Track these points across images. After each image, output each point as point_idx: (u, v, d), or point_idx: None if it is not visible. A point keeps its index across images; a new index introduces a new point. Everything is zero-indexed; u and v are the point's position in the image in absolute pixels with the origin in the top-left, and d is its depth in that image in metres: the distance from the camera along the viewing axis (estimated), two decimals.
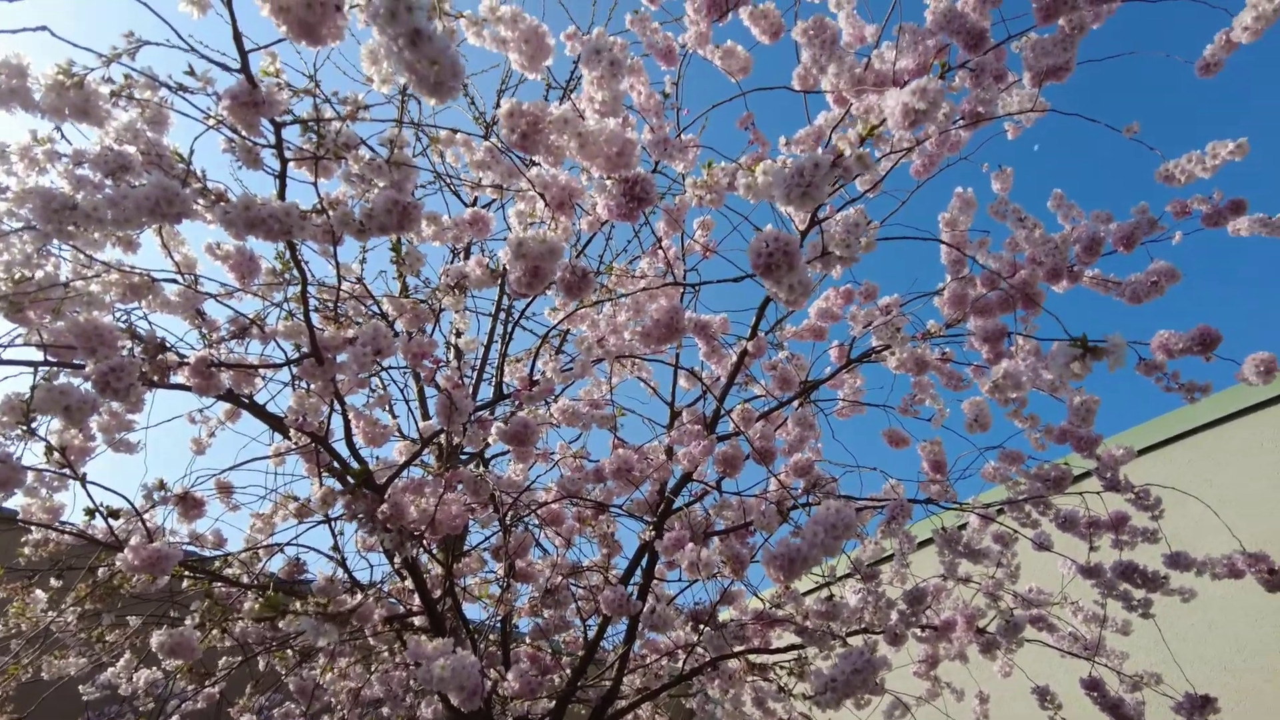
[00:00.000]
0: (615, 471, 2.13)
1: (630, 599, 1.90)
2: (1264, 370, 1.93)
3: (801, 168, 1.13)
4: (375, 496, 1.92)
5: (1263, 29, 1.62)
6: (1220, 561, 2.22)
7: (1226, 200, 2.34)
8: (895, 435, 2.75)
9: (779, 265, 1.16)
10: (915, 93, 1.20)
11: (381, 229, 1.29)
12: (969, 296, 2.56)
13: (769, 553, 1.34)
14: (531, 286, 1.30)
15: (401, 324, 1.76)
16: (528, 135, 1.20)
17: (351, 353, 1.46)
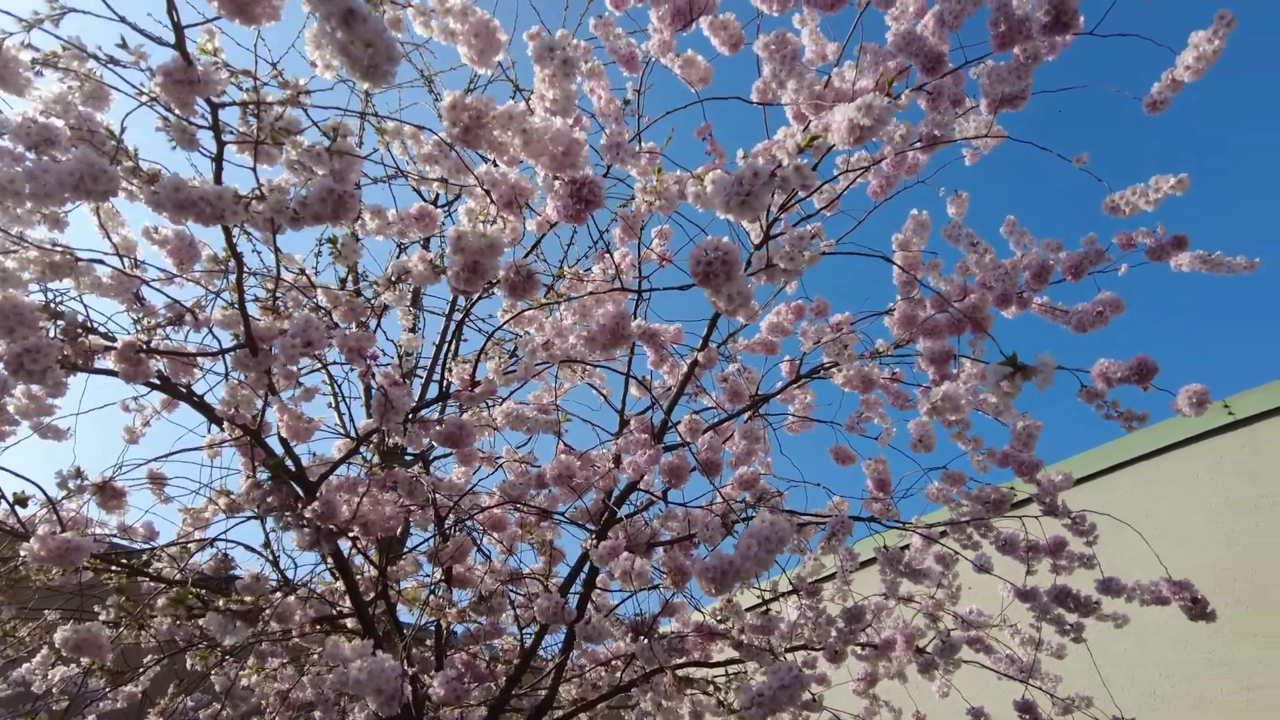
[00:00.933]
0: (557, 477, 2.10)
1: (566, 608, 1.87)
2: (1196, 402, 1.97)
3: (741, 177, 1.12)
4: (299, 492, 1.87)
5: (1203, 69, 1.66)
6: (1148, 588, 2.26)
7: (1169, 236, 2.39)
8: (842, 452, 2.76)
9: (717, 274, 1.15)
10: (861, 109, 1.20)
11: (316, 218, 1.26)
12: (918, 318, 2.59)
13: (701, 564, 1.32)
14: (470, 283, 1.28)
15: (337, 317, 1.71)
16: (470, 129, 1.17)
17: (281, 344, 1.42)
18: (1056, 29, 1.81)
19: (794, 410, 2.94)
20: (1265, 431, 4.08)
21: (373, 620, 2.14)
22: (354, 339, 1.66)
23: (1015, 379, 1.04)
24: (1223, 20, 1.59)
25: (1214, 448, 4.23)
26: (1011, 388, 1.05)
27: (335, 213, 1.27)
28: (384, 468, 1.93)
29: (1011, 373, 1.04)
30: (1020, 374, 1.04)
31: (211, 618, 1.33)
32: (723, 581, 1.31)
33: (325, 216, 1.26)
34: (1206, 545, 3.94)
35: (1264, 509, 3.84)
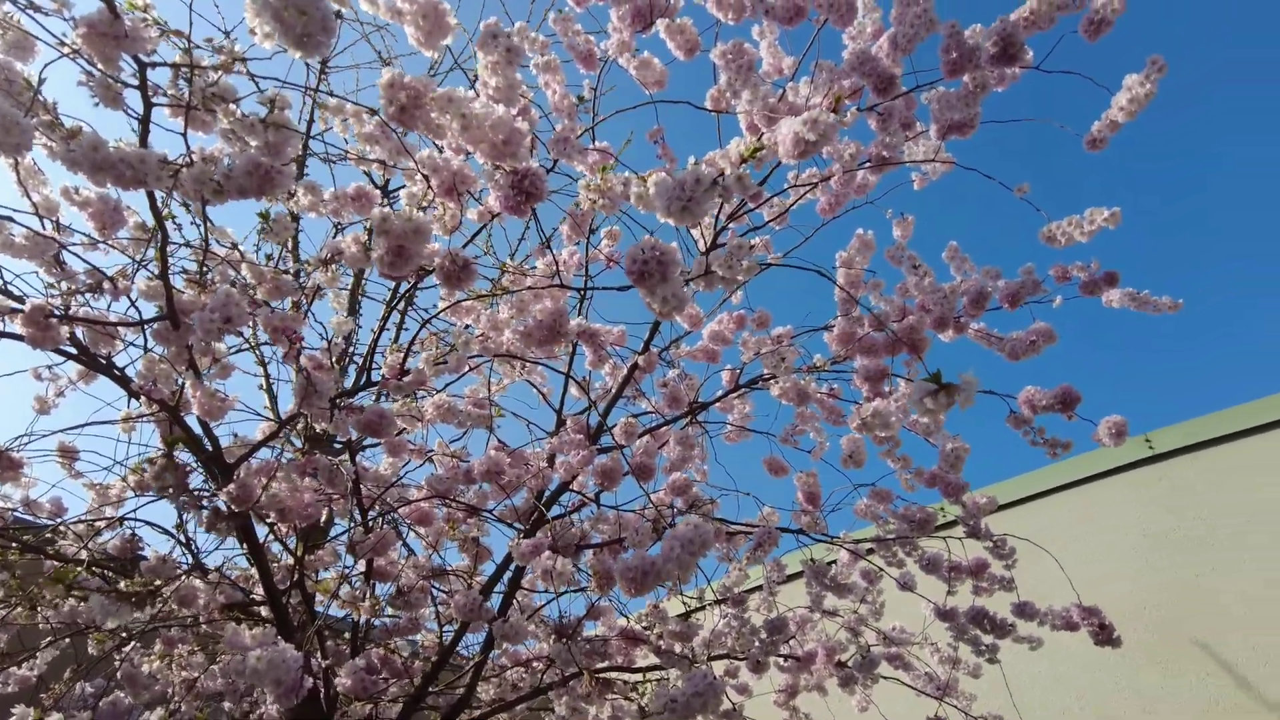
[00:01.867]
0: (486, 473, 2.07)
1: (483, 606, 1.83)
2: (1115, 433, 2.03)
3: (683, 181, 1.12)
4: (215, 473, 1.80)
5: (1136, 111, 1.71)
6: (1059, 613, 2.32)
7: (1102, 271, 2.47)
8: (775, 463, 2.78)
9: (653, 274, 1.14)
10: (807, 124, 1.21)
11: (241, 192, 1.21)
12: (856, 335, 2.62)
13: (622, 564, 1.31)
14: (395, 267, 1.24)
15: (262, 294, 1.66)
16: (407, 109, 1.15)
17: (199, 318, 1.36)
18: (1004, 60, 1.85)
19: (732, 420, 2.95)
20: (1182, 467, 4.23)
21: (286, 609, 2.07)
22: (279, 318, 1.61)
23: (939, 396, 1.05)
24: (1154, 65, 1.64)
25: (1134, 480, 4.38)
26: (935, 405, 1.06)
27: (261, 187, 1.22)
28: (308, 454, 1.88)
29: (935, 390, 1.05)
30: (944, 392, 1.05)
31: (95, 599, 1.26)
32: (642, 582, 1.30)
33: (251, 191, 1.22)
34: (1121, 574, 4.06)
35: (1177, 542, 3.99)
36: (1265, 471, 3.89)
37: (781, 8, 2.05)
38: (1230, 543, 3.83)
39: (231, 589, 2.00)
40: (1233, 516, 3.90)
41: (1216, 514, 3.95)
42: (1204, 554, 3.88)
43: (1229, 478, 4.02)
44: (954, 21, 1.92)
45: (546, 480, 2.44)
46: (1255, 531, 3.77)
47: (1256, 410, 4.02)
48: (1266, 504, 3.80)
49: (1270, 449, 3.97)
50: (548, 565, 1.71)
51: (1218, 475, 4.07)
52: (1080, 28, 1.77)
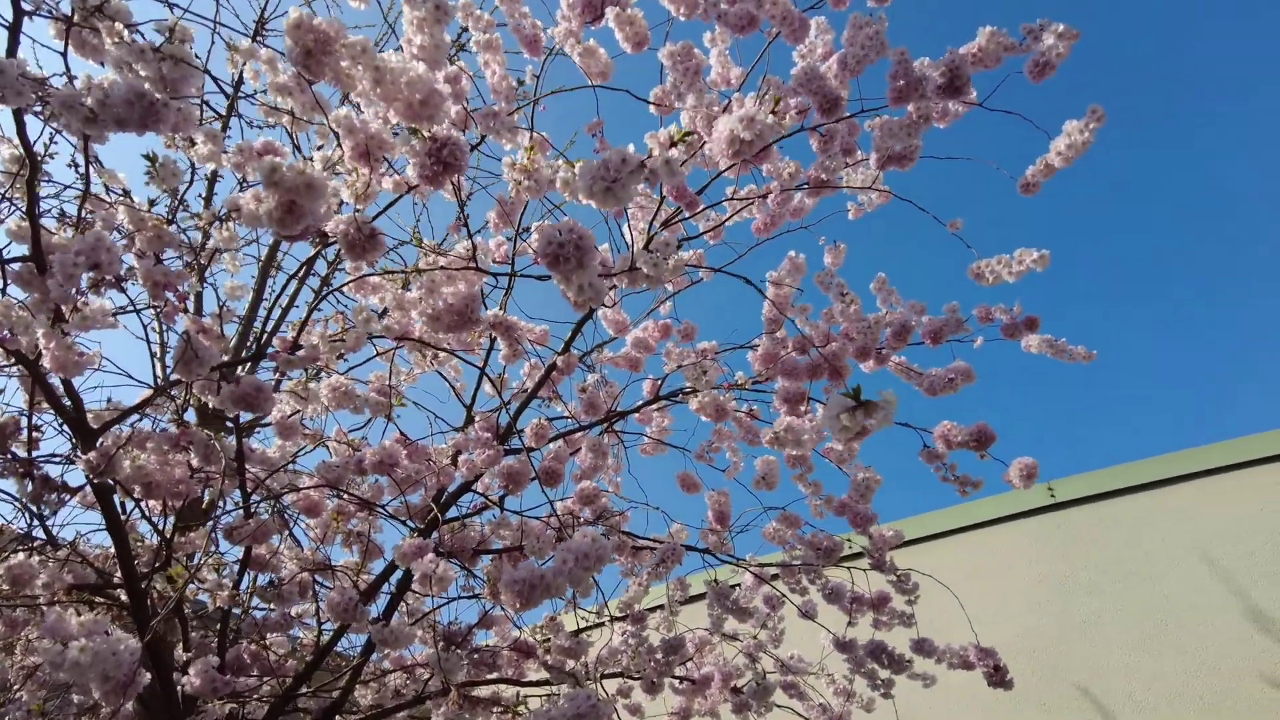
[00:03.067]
0: (378, 464, 1.94)
1: (359, 606, 1.71)
2: (1026, 475, 2.04)
3: (608, 162, 1.04)
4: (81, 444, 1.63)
5: (1073, 157, 1.72)
6: (956, 652, 2.32)
7: (1024, 315, 2.50)
8: (688, 479, 2.72)
9: (569, 259, 1.05)
10: (743, 121, 1.15)
11: (119, 123, 1.08)
12: (779, 356, 2.59)
13: (509, 574, 1.21)
14: (284, 225, 1.13)
15: (139, 242, 1.50)
16: (313, 54, 1.04)
17: (60, 260, 1.21)
18: (950, 92, 1.84)
19: (650, 431, 2.88)
20: (1079, 516, 4.36)
21: (146, 595, 1.89)
22: (160, 273, 1.46)
23: (856, 414, 1.00)
24: (1094, 114, 1.65)
25: (1033, 526, 4.49)
26: (851, 421, 1.01)
27: (144, 121, 1.09)
28: (179, 425, 1.72)
29: (853, 406, 1.00)
30: (862, 409, 1.00)
31: None
32: (529, 596, 1.20)
33: (131, 124, 1.08)
34: (1013, 617, 4.15)
35: (1068, 588, 4.09)
36: (1152, 526, 4.04)
37: (735, 14, 2.01)
38: (1115, 592, 3.95)
39: (83, 568, 1.82)
40: (1119, 567, 4.03)
41: (1105, 564, 4.08)
42: (1091, 602, 4.00)
43: (1120, 530, 4.15)
44: (903, 48, 1.91)
45: (448, 479, 2.32)
46: (1138, 583, 3.91)
47: (1150, 468, 4.19)
48: (1149, 558, 3.94)
49: (1158, 506, 4.13)
50: (428, 569, 1.59)
51: (1110, 527, 4.21)
52: (1025, 69, 1.78)
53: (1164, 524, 4.02)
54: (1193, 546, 3.91)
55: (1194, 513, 3.99)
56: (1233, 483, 3.96)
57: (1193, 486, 4.05)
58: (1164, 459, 4.17)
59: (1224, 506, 3.93)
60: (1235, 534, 3.80)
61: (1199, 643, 3.60)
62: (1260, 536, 3.72)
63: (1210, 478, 4.02)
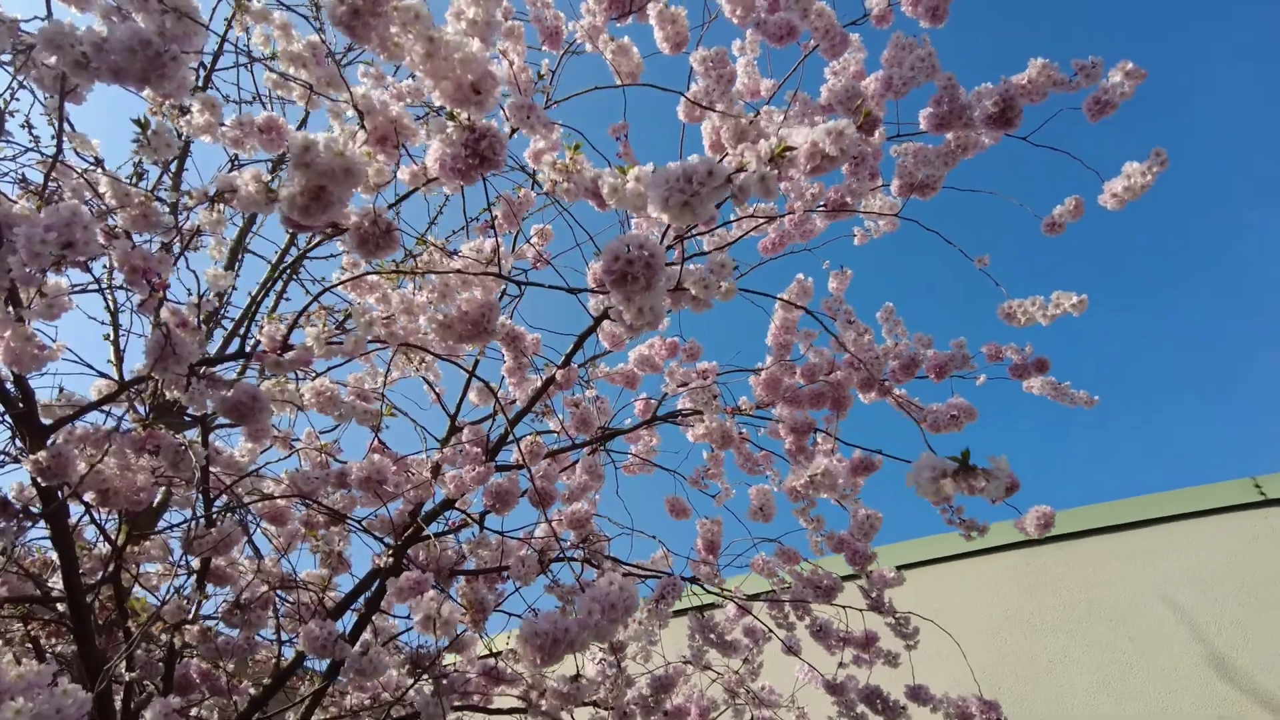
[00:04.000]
0: (364, 480, 1.77)
1: (338, 641, 1.54)
2: (1042, 524, 1.96)
3: (691, 172, 0.91)
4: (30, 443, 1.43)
5: (1128, 200, 1.65)
6: (955, 702, 2.23)
7: (1034, 357, 2.44)
8: (678, 505, 2.59)
9: (637, 278, 0.92)
10: (831, 134, 1.04)
11: (115, 74, 0.91)
12: (782, 383, 2.49)
13: (529, 626, 1.07)
14: (308, 213, 0.97)
15: (121, 220, 1.32)
16: (359, 14, 0.89)
17: (27, 235, 1.04)
18: (1000, 123, 1.76)
19: (637, 451, 2.75)
20: (1048, 555, 4.36)
21: (90, 609, 1.69)
22: (141, 256, 1.28)
23: (959, 478, 0.89)
24: (1158, 157, 1.58)
25: (1000, 563, 4.48)
26: (952, 488, 0.90)
27: (145, 73, 0.92)
28: (145, 425, 1.53)
29: (958, 470, 0.89)
30: (967, 474, 0.89)
31: None
32: (553, 651, 1.07)
33: (130, 75, 0.92)
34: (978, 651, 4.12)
35: (1036, 626, 4.08)
36: (1118, 568, 4.06)
37: (774, 23, 1.91)
38: (1080, 633, 3.95)
39: (20, 579, 1.61)
40: (1085, 608, 4.03)
41: (1071, 604, 4.08)
42: (1057, 642, 3.99)
43: (1086, 570, 4.16)
44: (951, 74, 1.83)
45: (428, 493, 2.15)
46: (1102, 625, 3.91)
47: (1119, 509, 4.21)
48: (1114, 600, 3.95)
49: (1124, 548, 4.15)
50: (429, 609, 1.43)
51: (1077, 567, 4.21)
52: (1085, 106, 1.70)
53: (1129, 567, 4.04)
54: (1157, 591, 3.93)
55: (1159, 557, 4.01)
56: (1199, 529, 3.99)
57: (1160, 530, 4.08)
58: (1133, 501, 4.19)
59: (1190, 552, 3.96)
60: (1200, 580, 3.82)
61: (1161, 688, 3.60)
62: (1225, 584, 3.75)
63: (1177, 523, 4.05)
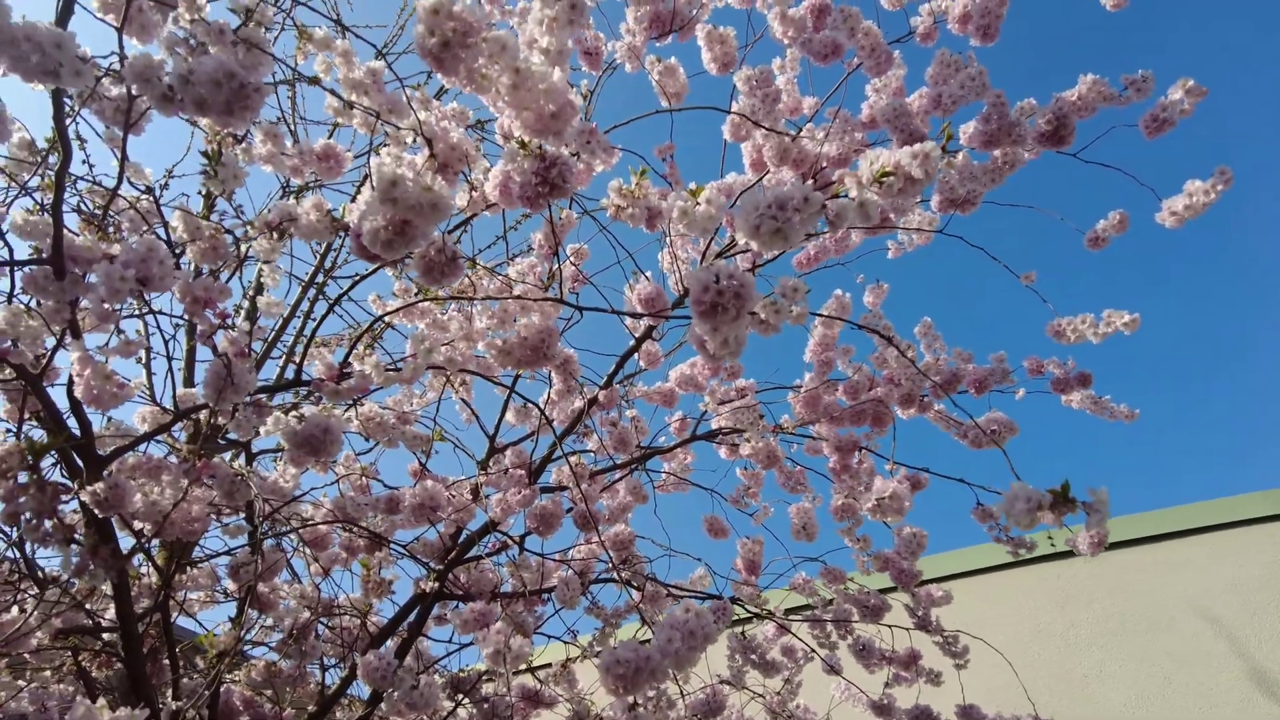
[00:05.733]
0: (418, 506, 1.75)
1: (398, 671, 1.52)
2: (1096, 543, 1.93)
3: (785, 199, 0.90)
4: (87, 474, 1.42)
5: (1188, 219, 1.62)
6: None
7: (1076, 371, 2.41)
8: (717, 524, 2.56)
9: (727, 309, 0.91)
10: (917, 157, 1.02)
11: (199, 105, 0.90)
12: (822, 401, 2.47)
13: (610, 658, 1.05)
14: (391, 247, 0.96)
15: (191, 254, 1.32)
16: (450, 47, 0.88)
17: (105, 272, 1.03)
18: (1053, 140, 1.75)
19: (672, 469, 2.73)
20: (1079, 567, 4.30)
21: (140, 638, 1.68)
22: (202, 286, 1.27)
23: (1058, 509, 0.87)
24: (1222, 175, 1.56)
25: (1032, 576, 4.43)
26: (1054, 519, 0.88)
27: (229, 105, 0.91)
28: (200, 454, 1.52)
29: (1055, 502, 0.87)
30: (1066, 506, 0.87)
31: None
32: (635, 680, 1.04)
33: (213, 107, 0.91)
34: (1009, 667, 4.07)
35: (1070, 640, 4.03)
36: (1154, 581, 4.00)
37: (820, 42, 1.90)
38: (1116, 647, 3.89)
39: (74, 611, 1.59)
40: (1120, 621, 3.97)
41: (1106, 617, 4.02)
42: (1092, 656, 3.94)
43: (1121, 583, 4.10)
44: (1000, 91, 1.81)
45: (471, 515, 2.14)
46: (1139, 639, 3.85)
47: (1154, 520, 4.15)
48: (1150, 613, 3.90)
49: (1160, 560, 4.09)
50: (498, 643, 1.41)
51: (1111, 580, 4.15)
52: (1141, 123, 1.68)
53: (1165, 578, 3.98)
54: (1195, 603, 3.87)
55: (1197, 569, 3.95)
56: (1238, 539, 3.93)
57: (1197, 541, 4.02)
58: (1169, 512, 4.13)
59: (1228, 563, 3.90)
60: (1239, 592, 3.76)
61: (1201, 702, 3.54)
62: (1264, 595, 3.69)
63: (1215, 533, 3.99)
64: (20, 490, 1.22)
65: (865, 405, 2.37)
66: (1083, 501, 0.87)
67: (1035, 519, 0.89)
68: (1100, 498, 0.87)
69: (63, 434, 1.43)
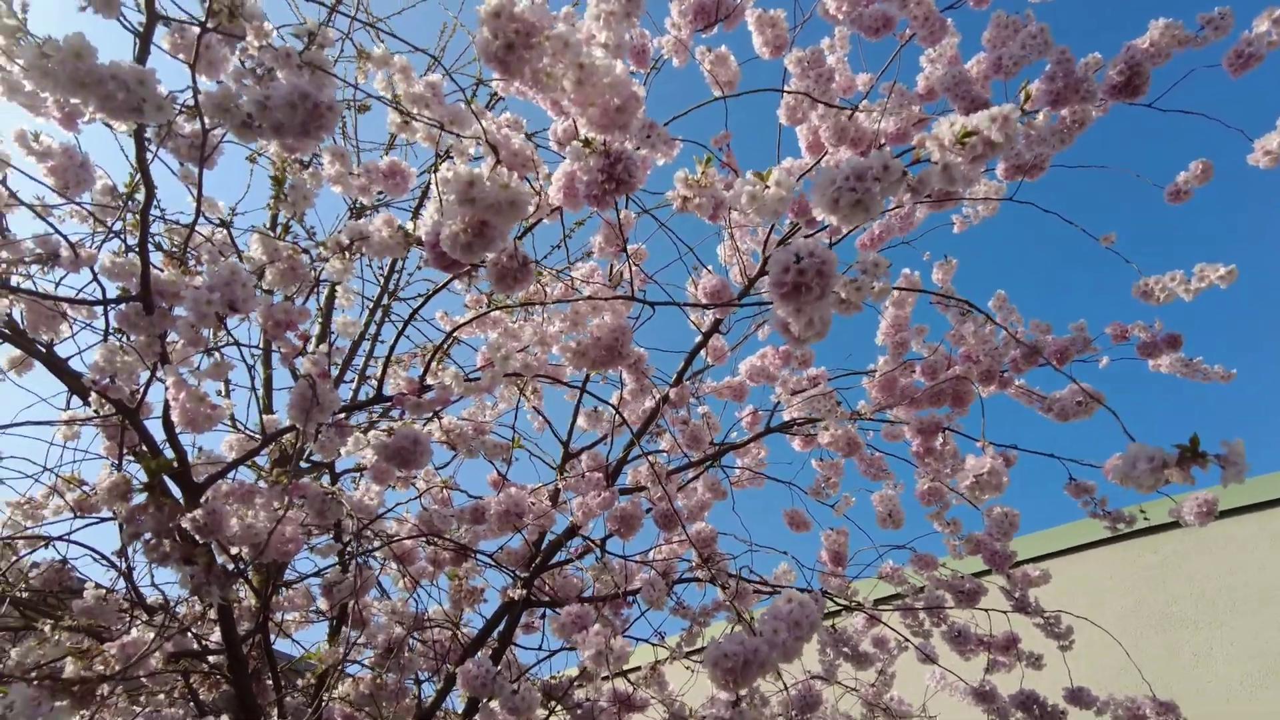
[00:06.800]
0: (504, 514, 1.76)
1: (497, 677, 1.53)
2: (1204, 512, 1.83)
3: (863, 169, 0.87)
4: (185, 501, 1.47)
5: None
6: (1124, 704, 2.10)
7: (1165, 333, 2.30)
8: (798, 517, 2.52)
9: (811, 288, 0.88)
10: (996, 120, 0.98)
11: (277, 130, 0.92)
12: (898, 384, 2.41)
13: (717, 651, 1.04)
14: (470, 250, 0.96)
15: (269, 277, 1.35)
16: (514, 49, 0.88)
17: (193, 297, 1.06)
18: (1125, 91, 1.67)
19: (746, 464, 2.70)
20: (1174, 541, 4.12)
21: (246, 660, 1.73)
22: (281, 310, 1.30)
23: (1186, 465, 0.82)
24: None
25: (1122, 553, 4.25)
26: (1180, 476, 0.83)
27: (305, 126, 0.93)
28: (289, 477, 1.56)
29: (1184, 458, 0.82)
30: (1196, 461, 0.82)
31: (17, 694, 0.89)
32: (744, 674, 1.03)
33: (290, 130, 0.93)
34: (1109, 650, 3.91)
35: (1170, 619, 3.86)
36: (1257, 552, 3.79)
37: (870, 16, 1.86)
38: (1223, 625, 3.71)
39: (183, 635, 1.65)
40: (1225, 597, 3.78)
41: (1209, 594, 3.83)
42: (1197, 635, 3.75)
43: (1223, 556, 3.91)
44: (1065, 47, 1.74)
45: (551, 521, 2.14)
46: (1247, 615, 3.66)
47: (1256, 487, 3.93)
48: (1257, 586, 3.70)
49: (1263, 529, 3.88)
50: (599, 644, 1.41)
51: (1211, 553, 3.95)
52: (1225, 61, 1.60)
53: (1273, 549, 3.77)
54: None
55: None
56: None
57: None
58: (1271, 477, 3.90)
59: None
60: None
61: None
62: None
63: None
64: (140, 510, 1.26)
65: (944, 385, 2.30)
66: (1215, 455, 0.82)
67: (1160, 479, 0.84)
68: (1235, 450, 0.81)
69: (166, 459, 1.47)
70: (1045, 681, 2.35)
